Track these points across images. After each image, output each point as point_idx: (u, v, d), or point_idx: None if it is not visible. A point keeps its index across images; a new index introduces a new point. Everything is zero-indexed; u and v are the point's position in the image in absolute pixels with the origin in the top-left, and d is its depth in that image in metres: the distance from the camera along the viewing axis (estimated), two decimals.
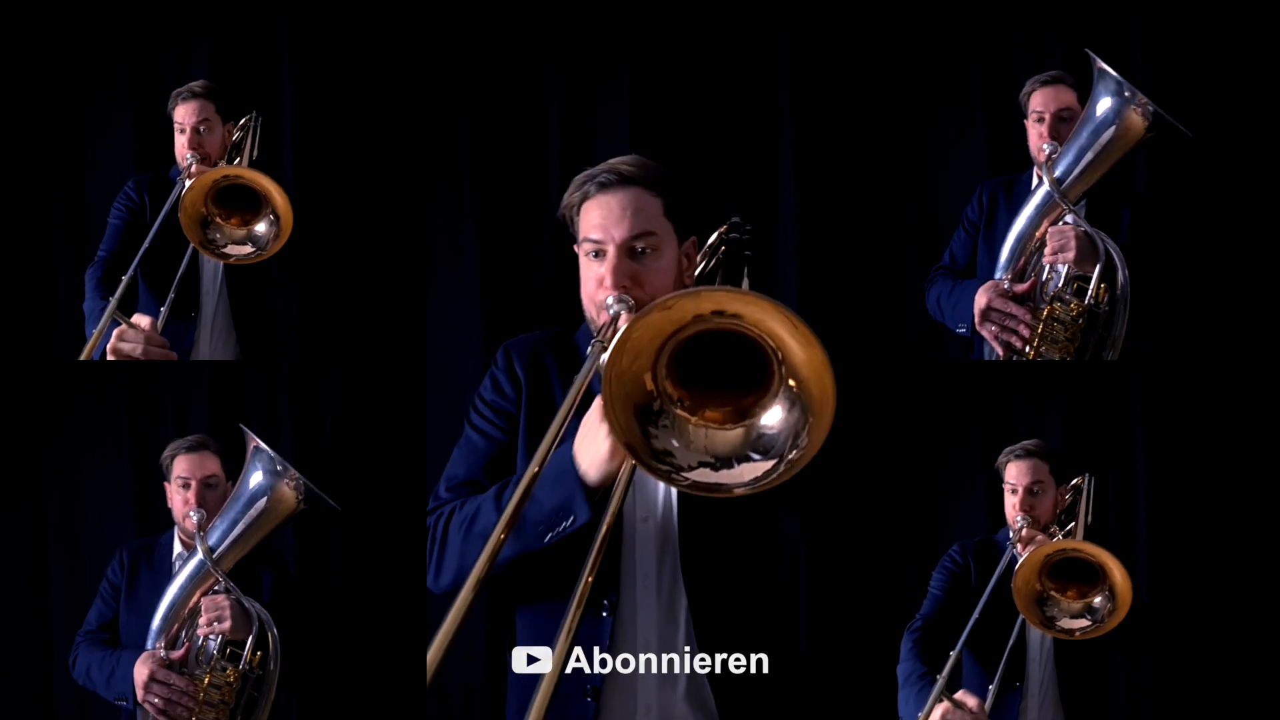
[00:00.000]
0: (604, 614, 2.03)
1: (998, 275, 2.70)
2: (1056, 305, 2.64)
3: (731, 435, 1.75)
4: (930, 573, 2.79)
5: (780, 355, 1.71)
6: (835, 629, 2.95)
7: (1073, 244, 2.63)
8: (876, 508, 2.89)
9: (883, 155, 2.93)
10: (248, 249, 2.70)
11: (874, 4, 2.92)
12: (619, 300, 2.02)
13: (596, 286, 2.06)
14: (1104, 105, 2.59)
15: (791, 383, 1.71)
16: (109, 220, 2.78)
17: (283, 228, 2.68)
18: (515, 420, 2.16)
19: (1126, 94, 2.56)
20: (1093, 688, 2.70)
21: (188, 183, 2.70)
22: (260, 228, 2.70)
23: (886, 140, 2.93)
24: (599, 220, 2.07)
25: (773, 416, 1.73)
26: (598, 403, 1.89)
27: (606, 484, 1.92)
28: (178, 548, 2.68)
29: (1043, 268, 2.66)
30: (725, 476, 1.73)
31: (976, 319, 2.67)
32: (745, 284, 2.13)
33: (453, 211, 2.99)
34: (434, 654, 1.67)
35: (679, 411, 1.75)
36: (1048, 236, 2.65)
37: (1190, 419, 2.87)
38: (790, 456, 1.71)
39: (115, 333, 2.66)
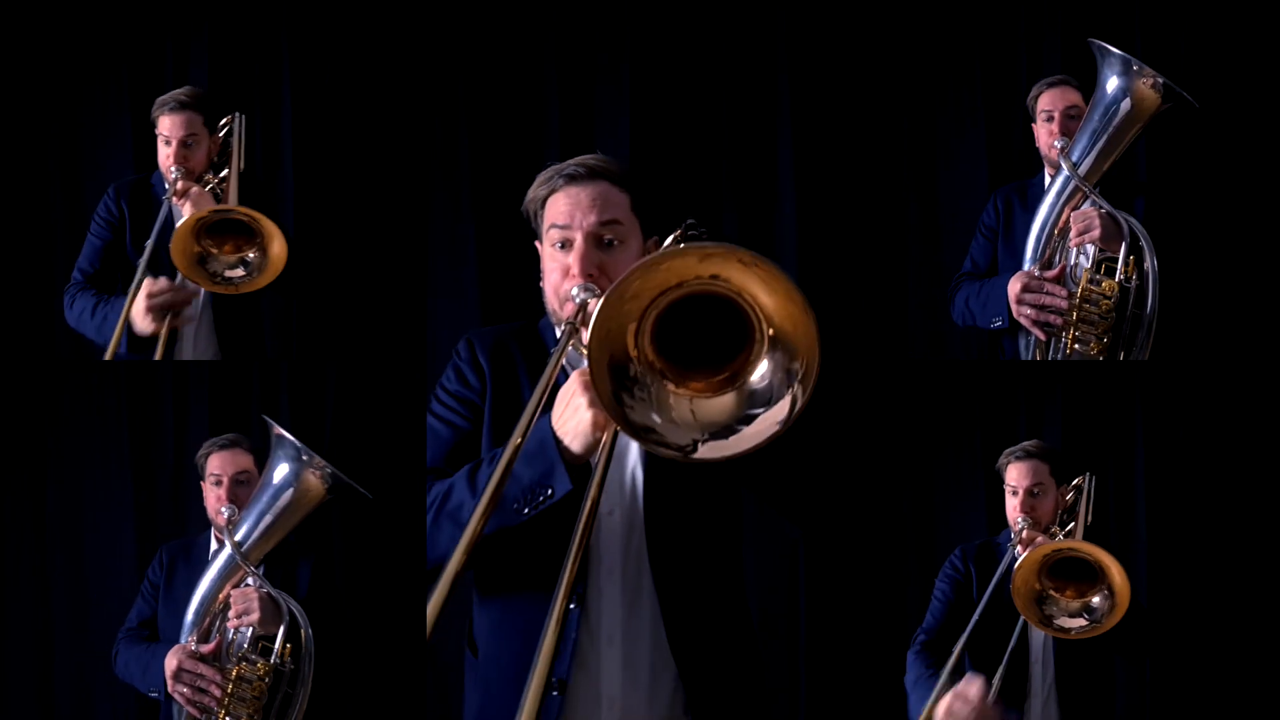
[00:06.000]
0: (571, 605, 2.00)
1: (1025, 267, 2.71)
2: (1090, 287, 2.64)
3: (723, 401, 1.72)
4: (929, 572, 2.78)
5: (757, 309, 1.68)
6: (835, 630, 2.96)
7: (1097, 224, 2.64)
8: (876, 508, 2.89)
9: (883, 155, 2.93)
10: (240, 272, 2.70)
11: (874, 4, 2.92)
12: (585, 289, 1.99)
13: (562, 277, 2.05)
14: (1112, 84, 2.61)
15: (770, 331, 1.68)
16: (89, 235, 2.77)
17: (272, 262, 2.68)
18: (479, 409, 2.14)
19: (1135, 67, 2.58)
20: (1094, 690, 2.70)
21: (175, 203, 2.69)
22: (252, 254, 2.70)
23: (887, 140, 2.93)
24: (566, 209, 2.06)
25: (759, 371, 1.70)
26: (576, 375, 1.88)
27: (588, 455, 1.89)
28: (214, 545, 2.67)
29: (1069, 252, 2.68)
30: (735, 444, 1.68)
31: (1012, 306, 2.69)
32: None
33: (453, 211, 3.00)
34: (433, 608, 1.65)
35: (662, 382, 1.71)
36: (1071, 221, 2.67)
37: (1190, 419, 2.86)
38: (793, 392, 1.67)
39: (143, 291, 2.66)
